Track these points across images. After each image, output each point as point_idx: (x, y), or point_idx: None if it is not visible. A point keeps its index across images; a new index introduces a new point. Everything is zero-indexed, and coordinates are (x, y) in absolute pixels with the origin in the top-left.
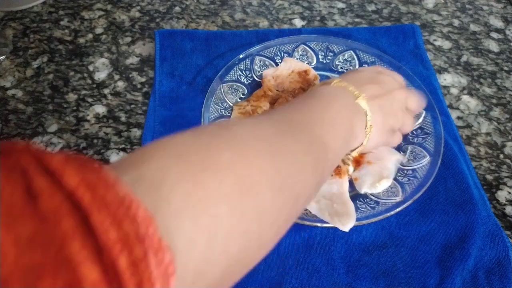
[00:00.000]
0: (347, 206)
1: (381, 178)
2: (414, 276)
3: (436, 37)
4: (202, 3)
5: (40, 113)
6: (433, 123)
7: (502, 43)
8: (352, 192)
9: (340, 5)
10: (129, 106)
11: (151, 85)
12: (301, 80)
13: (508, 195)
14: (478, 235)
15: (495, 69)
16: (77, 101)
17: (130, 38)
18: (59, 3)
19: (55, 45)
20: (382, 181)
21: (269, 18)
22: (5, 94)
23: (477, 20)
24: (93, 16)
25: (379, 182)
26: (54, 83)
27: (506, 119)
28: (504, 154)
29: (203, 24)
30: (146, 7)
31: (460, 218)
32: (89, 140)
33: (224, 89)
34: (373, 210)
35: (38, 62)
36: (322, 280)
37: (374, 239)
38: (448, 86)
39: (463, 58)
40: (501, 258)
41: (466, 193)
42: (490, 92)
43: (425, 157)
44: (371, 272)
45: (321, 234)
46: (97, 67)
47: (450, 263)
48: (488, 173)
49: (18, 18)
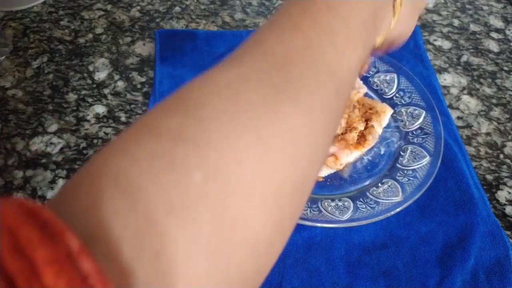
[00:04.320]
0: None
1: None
2: (414, 276)
3: (436, 37)
4: (202, 3)
5: (40, 113)
6: (433, 123)
7: (502, 43)
8: (352, 192)
9: None
10: (129, 106)
11: (151, 85)
12: None
13: (508, 195)
14: (478, 235)
15: (495, 69)
16: (77, 101)
17: (130, 38)
18: (59, 3)
19: (55, 45)
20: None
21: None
22: (5, 94)
23: (477, 20)
24: (93, 16)
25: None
26: (54, 83)
27: (506, 119)
28: (504, 154)
29: (203, 24)
30: (146, 7)
31: (460, 218)
32: (89, 140)
33: None
34: (373, 210)
35: (38, 62)
36: (322, 280)
37: (374, 239)
38: (448, 86)
39: (463, 58)
40: (501, 258)
41: (466, 193)
42: (490, 92)
43: (425, 157)
44: (371, 272)
45: (321, 234)
46: (97, 67)
47: (450, 263)
48: (488, 173)
49: (18, 18)
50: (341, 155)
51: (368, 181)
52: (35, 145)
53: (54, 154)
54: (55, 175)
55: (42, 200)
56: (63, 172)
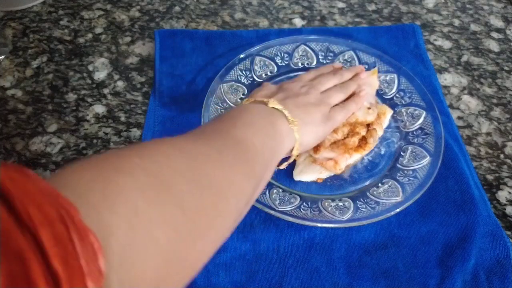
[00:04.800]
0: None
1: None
2: (415, 276)
3: (436, 37)
4: (202, 3)
5: (40, 113)
6: (434, 123)
7: (502, 43)
8: (352, 192)
9: (340, 5)
10: (129, 106)
11: (150, 85)
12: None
13: (508, 195)
14: (478, 235)
15: (496, 69)
16: (77, 101)
17: (129, 38)
18: (59, 3)
19: (54, 45)
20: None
21: (269, 18)
22: (4, 94)
23: (478, 20)
24: (93, 15)
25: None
26: (54, 83)
27: (507, 119)
28: (505, 154)
29: (203, 23)
30: (146, 7)
31: (461, 218)
32: (89, 140)
33: (224, 89)
34: (373, 210)
35: (37, 62)
36: (323, 280)
37: (374, 239)
38: (449, 86)
39: (463, 58)
40: (502, 258)
41: (466, 193)
42: (491, 92)
43: (425, 157)
44: (372, 272)
45: (322, 234)
46: (96, 67)
47: (450, 263)
48: (488, 173)
49: (17, 18)
50: (340, 160)
51: (368, 181)
52: (35, 145)
53: (54, 154)
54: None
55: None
56: None
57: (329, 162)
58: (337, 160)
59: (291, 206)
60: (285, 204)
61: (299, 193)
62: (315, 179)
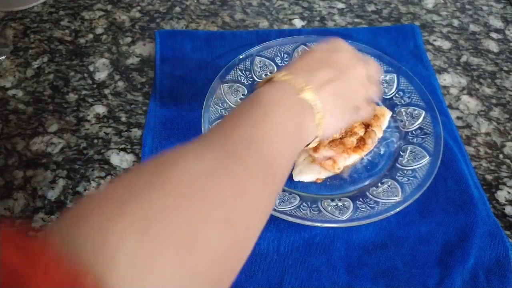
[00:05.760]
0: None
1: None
2: (414, 276)
3: (435, 37)
4: (202, 4)
5: (41, 113)
6: (433, 123)
7: (501, 43)
8: (352, 192)
9: (340, 6)
10: (130, 106)
11: (151, 85)
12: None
13: (507, 195)
14: (478, 235)
15: (495, 69)
16: (78, 101)
17: (130, 38)
18: (59, 3)
19: (55, 45)
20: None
21: (269, 19)
22: (5, 94)
23: (477, 20)
24: (94, 16)
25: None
26: (55, 83)
27: (506, 119)
28: (504, 154)
29: (203, 24)
30: (146, 7)
31: (460, 218)
32: (90, 140)
33: (224, 90)
34: (373, 210)
35: (38, 62)
36: (322, 280)
37: (374, 239)
38: (448, 86)
39: (462, 58)
40: (501, 258)
41: (465, 193)
42: (490, 92)
43: (424, 157)
44: (371, 272)
45: (321, 234)
46: (97, 67)
47: (450, 263)
48: (487, 173)
49: (18, 18)
50: (339, 159)
51: (368, 181)
52: (36, 145)
53: (55, 154)
54: (55, 175)
55: (42, 200)
56: (63, 172)
57: (328, 162)
58: (335, 160)
59: (291, 206)
60: (285, 204)
61: (298, 192)
62: (315, 180)
